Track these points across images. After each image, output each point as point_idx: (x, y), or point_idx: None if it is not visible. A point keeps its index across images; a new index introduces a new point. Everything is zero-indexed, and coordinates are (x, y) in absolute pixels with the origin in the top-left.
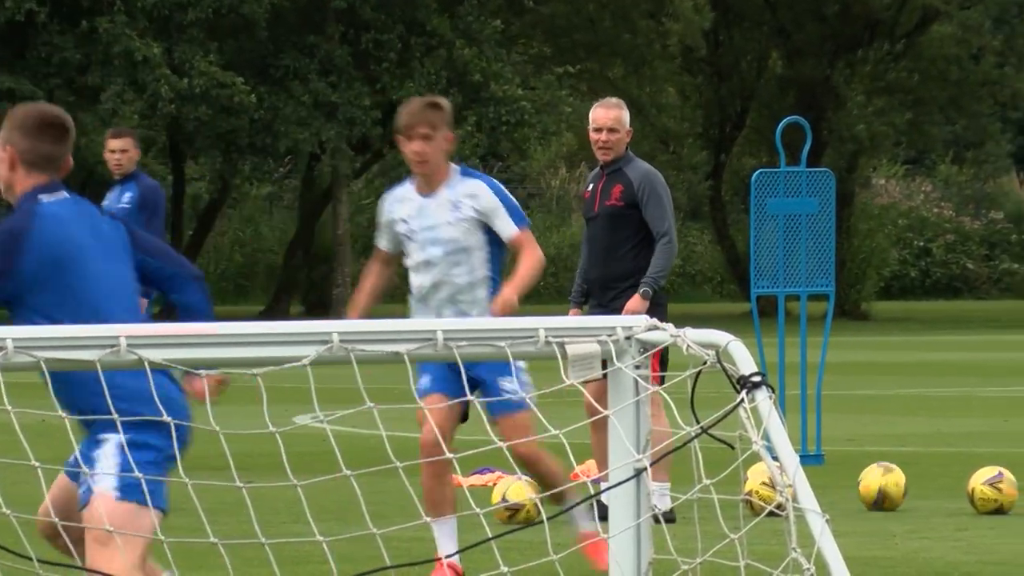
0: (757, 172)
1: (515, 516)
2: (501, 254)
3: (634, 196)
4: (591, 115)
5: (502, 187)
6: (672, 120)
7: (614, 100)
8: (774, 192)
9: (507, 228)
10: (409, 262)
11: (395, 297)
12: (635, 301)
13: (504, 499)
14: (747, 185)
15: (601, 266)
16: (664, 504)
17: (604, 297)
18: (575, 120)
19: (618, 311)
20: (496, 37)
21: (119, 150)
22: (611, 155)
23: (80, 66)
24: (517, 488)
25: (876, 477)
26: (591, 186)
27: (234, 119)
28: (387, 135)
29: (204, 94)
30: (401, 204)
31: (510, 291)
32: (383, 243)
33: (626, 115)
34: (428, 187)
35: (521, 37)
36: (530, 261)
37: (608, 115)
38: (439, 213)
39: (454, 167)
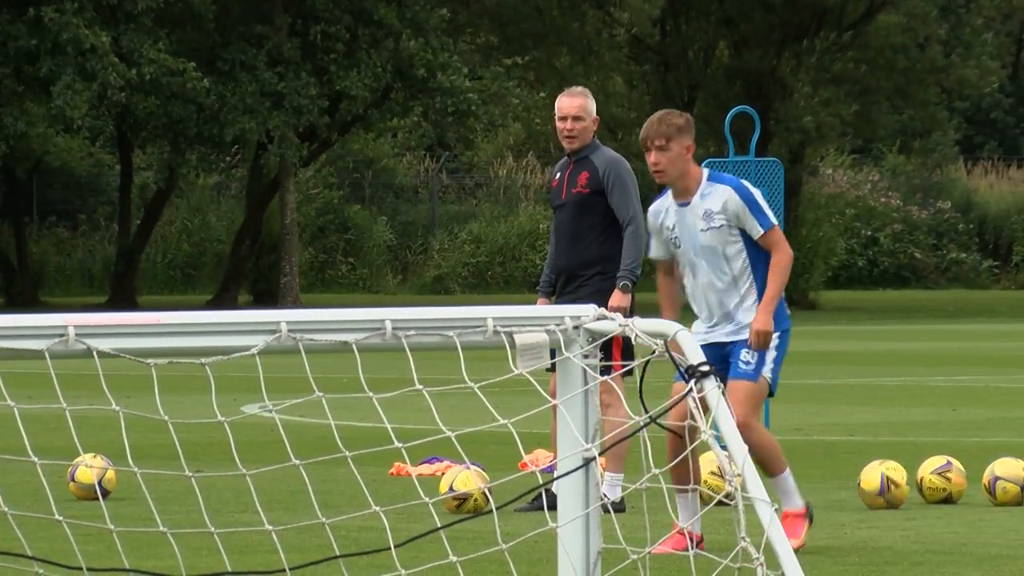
0: (705, 161)
1: (463, 505)
2: (763, 251)
3: (600, 183)
4: (557, 104)
5: (749, 188)
6: (619, 109)
7: (579, 88)
8: None
9: (754, 230)
10: (680, 267)
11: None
12: (616, 297)
13: (452, 489)
14: None
15: (568, 254)
16: (614, 494)
17: (570, 285)
18: (522, 111)
19: (584, 300)
20: (443, 27)
21: None
22: (576, 143)
23: (30, 55)
24: (465, 477)
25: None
26: (558, 175)
27: (182, 107)
28: (334, 125)
29: (154, 81)
30: (664, 214)
31: (762, 318)
32: (657, 252)
33: (591, 103)
34: (680, 196)
35: (468, 26)
36: (775, 266)
37: (573, 103)
38: (694, 222)
39: (704, 172)
